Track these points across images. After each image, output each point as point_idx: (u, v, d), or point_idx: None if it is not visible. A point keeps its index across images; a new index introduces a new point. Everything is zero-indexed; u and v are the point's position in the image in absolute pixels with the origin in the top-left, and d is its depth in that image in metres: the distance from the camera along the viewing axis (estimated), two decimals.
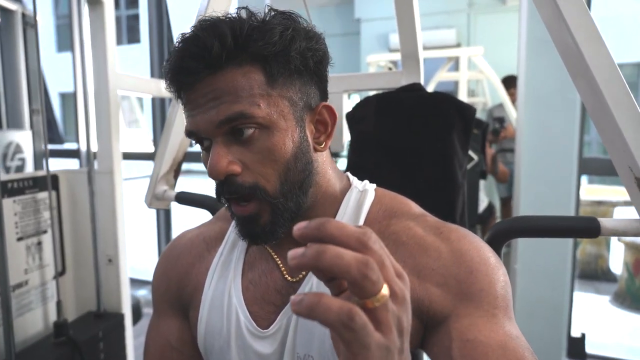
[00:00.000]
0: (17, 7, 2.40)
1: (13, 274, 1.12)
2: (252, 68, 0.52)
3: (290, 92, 0.54)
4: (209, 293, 0.64)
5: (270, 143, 0.53)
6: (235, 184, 0.53)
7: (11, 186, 1.12)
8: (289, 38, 0.52)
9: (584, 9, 0.66)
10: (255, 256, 0.65)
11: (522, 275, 2.06)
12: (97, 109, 1.25)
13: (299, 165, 0.55)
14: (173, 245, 0.73)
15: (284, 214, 0.55)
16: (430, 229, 0.58)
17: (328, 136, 0.60)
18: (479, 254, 0.55)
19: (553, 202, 2.00)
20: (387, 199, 0.64)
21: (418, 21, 1.20)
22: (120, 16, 10.26)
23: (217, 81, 0.51)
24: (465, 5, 5.19)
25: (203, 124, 0.52)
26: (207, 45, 0.50)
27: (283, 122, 0.53)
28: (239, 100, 0.51)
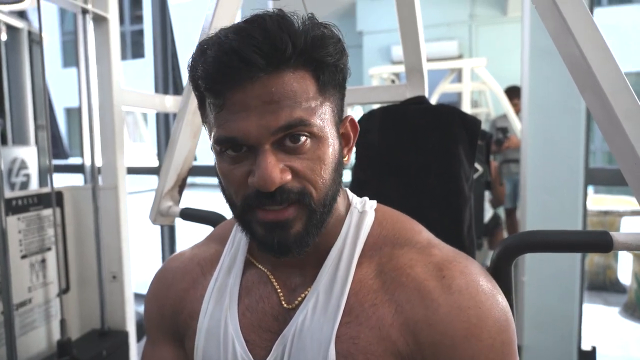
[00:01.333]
0: (23, 24, 2.43)
1: (17, 292, 1.11)
2: (306, 74, 0.50)
3: (333, 103, 0.54)
4: (205, 321, 0.61)
5: (320, 152, 0.51)
6: (286, 191, 0.50)
7: (16, 203, 1.12)
8: (340, 50, 0.52)
9: (590, 20, 0.66)
10: (253, 280, 0.62)
11: (530, 287, 2.03)
12: (101, 124, 1.25)
13: (336, 176, 0.54)
14: (165, 269, 0.70)
15: (318, 224, 0.53)
16: (434, 269, 0.54)
17: (349, 150, 0.59)
18: (478, 313, 0.51)
19: (560, 213, 1.98)
20: (388, 221, 0.61)
21: (422, 34, 1.20)
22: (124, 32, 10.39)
23: (273, 83, 0.48)
24: (467, 17, 5.23)
25: (255, 129, 0.48)
26: (278, 42, 0.47)
27: (328, 132, 0.52)
28: (298, 106, 0.48)
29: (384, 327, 0.52)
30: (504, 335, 0.52)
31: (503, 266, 0.70)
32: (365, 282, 0.56)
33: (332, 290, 0.56)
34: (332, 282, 0.56)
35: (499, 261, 0.70)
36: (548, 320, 2.03)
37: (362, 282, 0.56)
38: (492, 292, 0.54)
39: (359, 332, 0.53)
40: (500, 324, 0.52)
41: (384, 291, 0.54)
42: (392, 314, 0.53)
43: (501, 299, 0.54)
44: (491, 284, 0.55)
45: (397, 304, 0.53)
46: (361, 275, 0.56)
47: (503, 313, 0.53)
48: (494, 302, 0.53)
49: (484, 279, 0.55)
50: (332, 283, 0.56)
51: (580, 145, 1.98)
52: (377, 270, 0.56)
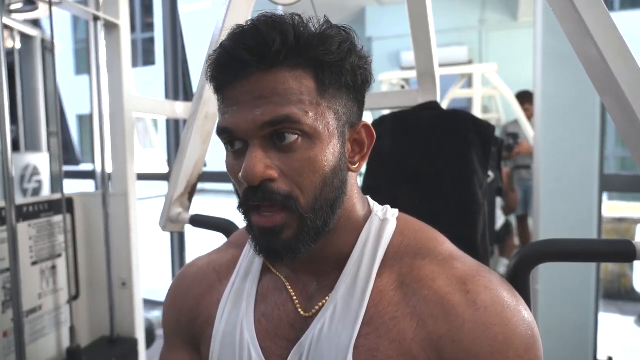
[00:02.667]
0: (36, 32, 2.46)
1: (27, 298, 1.11)
2: (304, 73, 0.50)
3: (337, 105, 0.52)
4: (221, 327, 0.61)
5: (312, 153, 0.50)
6: (270, 191, 0.49)
7: (27, 210, 1.12)
8: (345, 50, 0.51)
9: (609, 21, 0.64)
10: (269, 287, 0.62)
11: (544, 296, 1.99)
12: (112, 131, 1.25)
13: (335, 182, 0.52)
14: (183, 275, 0.70)
15: (310, 231, 0.52)
16: (457, 283, 0.53)
17: (363, 157, 0.57)
18: (505, 330, 0.50)
19: (574, 220, 1.95)
20: (410, 230, 0.59)
21: (434, 39, 1.19)
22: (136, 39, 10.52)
23: (266, 79, 0.49)
24: (477, 23, 5.21)
25: (244, 123, 0.49)
26: (268, 40, 0.47)
27: (327, 134, 0.51)
28: (288, 103, 0.48)
29: (405, 342, 0.51)
30: (531, 353, 0.50)
31: (521, 276, 0.68)
32: (385, 293, 0.54)
33: (352, 299, 0.54)
34: (351, 291, 0.55)
35: (516, 271, 0.68)
36: (562, 329, 1.99)
37: (382, 293, 0.54)
38: (518, 308, 0.52)
39: (378, 344, 0.52)
40: (527, 341, 0.50)
41: (406, 304, 0.53)
42: (414, 329, 0.51)
43: (527, 315, 0.52)
44: (516, 299, 0.53)
45: (419, 318, 0.52)
46: (382, 286, 0.55)
47: (530, 329, 0.51)
48: (520, 319, 0.51)
49: (508, 293, 0.53)
50: (352, 292, 0.55)
51: (594, 150, 1.95)
52: (398, 282, 0.55)
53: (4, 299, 1.04)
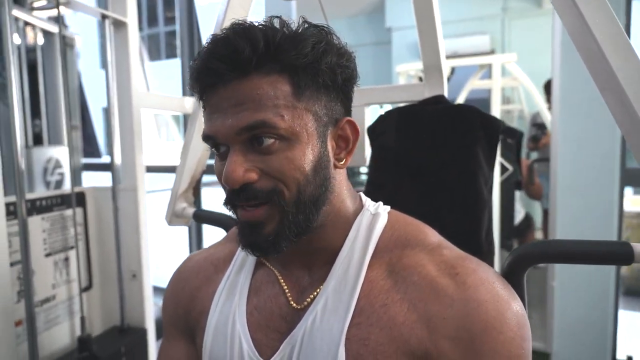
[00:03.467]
0: (57, 29, 2.53)
1: (41, 288, 1.16)
2: (279, 78, 0.51)
3: (315, 106, 0.53)
4: (214, 318, 0.63)
5: (291, 154, 0.51)
6: (252, 190, 0.51)
7: (40, 204, 1.16)
8: (320, 51, 0.52)
9: (610, 15, 0.61)
10: (262, 280, 0.63)
11: (561, 292, 1.95)
12: (121, 126, 1.28)
13: (317, 179, 0.54)
14: (181, 268, 0.72)
15: (291, 226, 0.53)
16: (445, 267, 0.54)
17: (349, 152, 0.58)
18: (496, 306, 0.50)
19: (593, 215, 1.89)
20: (400, 224, 0.61)
21: (440, 31, 1.17)
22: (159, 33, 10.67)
23: (242, 87, 0.50)
24: (499, 10, 5.06)
25: (223, 129, 0.51)
26: (238, 49, 0.49)
27: (305, 135, 0.52)
28: (263, 108, 0.50)
29: (396, 327, 0.52)
30: (522, 330, 0.51)
31: (515, 276, 0.66)
32: (376, 282, 0.55)
33: (343, 291, 0.56)
34: (342, 282, 0.56)
35: (510, 270, 0.66)
36: (580, 327, 1.94)
37: (373, 283, 0.56)
38: (508, 289, 0.53)
39: (369, 333, 0.53)
40: (519, 319, 0.51)
41: (396, 291, 0.54)
42: (405, 313, 0.52)
43: (516, 297, 0.53)
44: (504, 282, 0.55)
45: (409, 302, 0.53)
46: (372, 276, 0.56)
47: (521, 309, 0.52)
48: (511, 297, 0.52)
49: (496, 276, 0.55)
50: (343, 284, 0.56)
51: (616, 143, 1.87)
52: (388, 271, 0.56)
53: (19, 289, 1.08)
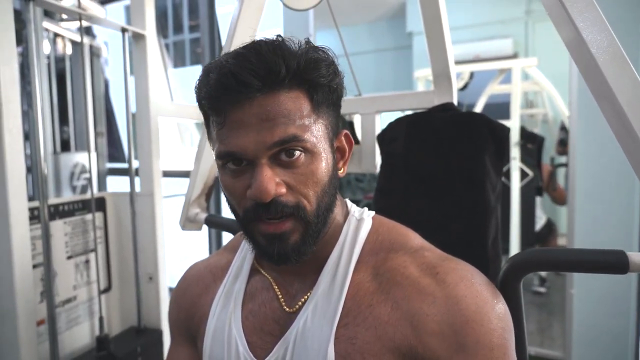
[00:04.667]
0: (85, 39, 2.63)
1: (63, 289, 1.21)
2: (300, 94, 0.54)
3: (327, 120, 0.58)
4: (212, 324, 0.66)
5: (313, 166, 0.55)
6: (281, 204, 0.53)
7: (62, 209, 1.22)
8: (332, 72, 0.57)
9: (605, 28, 0.62)
10: (257, 286, 0.67)
11: (580, 300, 1.91)
12: (138, 134, 1.33)
13: (331, 189, 0.58)
14: (184, 277, 0.77)
15: (314, 234, 0.57)
16: (427, 268, 0.57)
17: (345, 162, 0.63)
18: (476, 301, 0.53)
19: (613, 222, 1.84)
20: (384, 228, 0.64)
21: (448, 38, 1.18)
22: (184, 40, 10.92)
23: (270, 102, 0.52)
24: (523, 14, 4.98)
25: (252, 145, 0.52)
26: (272, 65, 0.51)
27: (322, 147, 0.56)
28: (292, 123, 0.53)
29: (381, 326, 0.55)
30: (502, 322, 0.53)
31: (511, 284, 0.67)
32: (362, 285, 0.59)
33: (331, 294, 0.59)
34: (330, 286, 0.60)
35: (506, 278, 0.67)
36: (600, 335, 1.90)
37: (359, 285, 0.59)
38: (487, 285, 0.56)
39: (356, 332, 0.56)
40: (499, 311, 0.54)
41: (380, 292, 0.57)
42: (389, 312, 0.55)
43: (496, 292, 0.56)
44: (485, 279, 0.58)
45: (393, 302, 0.56)
46: (358, 279, 0.59)
47: (500, 302, 0.55)
48: (490, 293, 0.55)
49: (477, 274, 0.58)
50: (331, 288, 0.59)
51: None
52: (373, 273, 0.59)
53: (42, 290, 1.14)
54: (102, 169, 2.71)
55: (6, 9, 0.94)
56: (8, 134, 0.94)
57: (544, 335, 2.87)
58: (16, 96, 0.96)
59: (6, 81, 0.93)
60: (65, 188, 2.51)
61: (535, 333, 2.89)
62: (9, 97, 0.94)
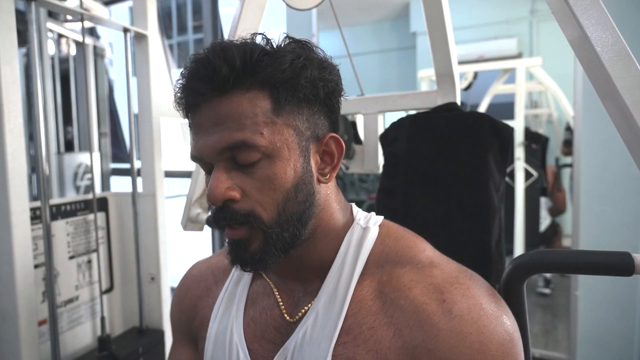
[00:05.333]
0: (89, 40, 2.64)
1: (65, 289, 1.21)
2: (259, 94, 0.52)
3: (296, 121, 0.54)
4: (214, 328, 0.65)
5: (271, 171, 0.52)
6: (231, 211, 0.52)
7: (64, 209, 1.22)
8: (299, 66, 0.52)
9: (610, 25, 0.61)
10: (259, 291, 0.65)
11: (585, 302, 1.89)
12: (140, 134, 1.33)
13: (299, 196, 0.54)
14: (185, 277, 0.76)
15: (276, 243, 0.54)
16: (434, 291, 0.54)
17: (334, 168, 0.58)
18: (480, 338, 0.50)
19: (619, 223, 1.83)
20: (391, 238, 0.61)
21: (452, 37, 1.17)
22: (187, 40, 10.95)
23: (222, 105, 0.51)
24: (527, 13, 4.96)
25: (205, 149, 0.52)
26: (216, 68, 0.50)
27: (286, 151, 0.53)
28: (242, 127, 0.51)
29: (382, 351, 0.52)
30: (508, 356, 0.51)
31: (514, 286, 0.66)
32: (364, 302, 0.56)
33: (332, 308, 0.57)
34: (332, 299, 0.57)
35: (509, 281, 0.66)
36: (605, 337, 1.88)
37: (361, 303, 0.56)
38: (496, 314, 0.52)
39: (355, 353, 0.53)
40: (504, 347, 0.51)
41: (383, 313, 0.55)
42: (390, 338, 0.53)
43: (506, 320, 0.53)
44: (495, 305, 0.54)
45: (395, 328, 0.53)
46: (361, 295, 0.57)
47: (507, 334, 0.52)
48: (498, 325, 0.52)
49: (487, 300, 0.54)
50: (333, 300, 0.57)
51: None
52: (378, 290, 0.56)
53: (44, 290, 1.14)
54: (106, 169, 2.72)
55: (8, 9, 0.94)
56: (9, 134, 0.94)
57: (548, 337, 2.85)
58: (17, 96, 0.96)
59: (7, 81, 0.93)
60: (69, 188, 2.52)
61: (540, 335, 2.87)
62: (10, 97, 0.94)
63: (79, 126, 2.67)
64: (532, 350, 2.57)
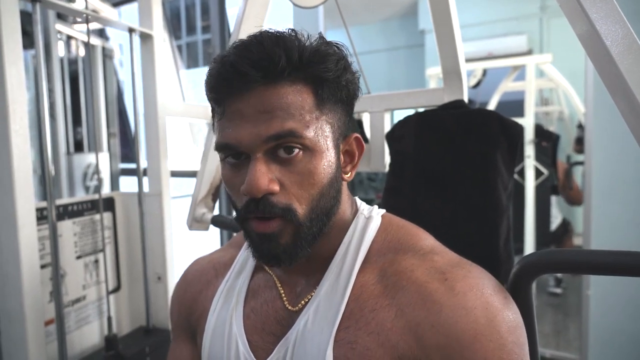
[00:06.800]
0: (98, 41, 2.65)
1: (72, 289, 1.22)
2: (304, 88, 0.52)
3: (333, 119, 0.55)
4: (212, 320, 0.65)
5: (312, 166, 0.52)
6: (270, 204, 0.51)
7: (71, 209, 1.23)
8: (342, 67, 0.54)
9: (620, 19, 0.59)
10: (260, 284, 0.65)
11: (596, 302, 1.86)
12: (147, 134, 1.33)
13: (331, 191, 0.55)
14: (186, 272, 0.75)
15: (307, 237, 0.54)
16: (435, 272, 0.54)
17: (354, 167, 0.60)
18: (486, 313, 0.50)
19: (632, 222, 1.79)
20: (393, 227, 0.61)
21: (459, 34, 1.15)
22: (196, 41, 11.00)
23: (270, 94, 0.50)
24: (537, 10, 4.90)
25: (248, 136, 0.50)
26: (273, 56, 0.49)
27: (325, 147, 0.54)
28: (291, 117, 0.51)
29: (383, 332, 0.52)
30: (514, 335, 0.50)
31: (522, 286, 0.65)
32: (366, 287, 0.56)
33: (334, 295, 0.57)
34: (334, 287, 0.57)
35: (517, 280, 0.65)
36: (616, 340, 1.85)
37: (363, 288, 0.56)
38: (498, 294, 0.53)
39: (357, 336, 0.53)
40: (510, 324, 0.50)
41: (385, 296, 0.55)
42: (392, 318, 0.53)
43: (508, 300, 0.53)
44: (496, 286, 0.54)
45: (397, 308, 0.53)
46: (363, 281, 0.57)
47: (512, 313, 0.52)
48: (502, 303, 0.52)
49: (488, 281, 0.54)
50: (334, 288, 0.57)
51: None
52: (379, 276, 0.57)
53: (51, 289, 1.15)
54: (115, 169, 2.74)
55: (12, 10, 0.94)
56: (15, 135, 0.94)
57: (559, 338, 2.81)
58: (23, 97, 0.97)
59: (13, 83, 0.94)
60: (79, 188, 2.54)
61: (551, 335, 2.84)
62: (16, 98, 0.95)
63: (88, 127, 2.69)
64: (543, 350, 2.54)
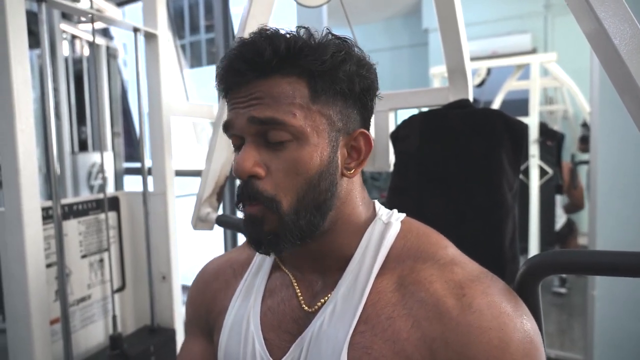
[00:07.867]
0: (103, 41, 2.66)
1: (77, 288, 1.22)
2: (298, 79, 0.54)
3: (330, 111, 0.55)
4: (230, 318, 0.66)
5: (297, 154, 0.53)
6: (256, 190, 0.54)
7: (76, 208, 1.23)
8: (339, 60, 0.55)
9: (628, 17, 0.58)
10: (277, 282, 0.66)
11: (602, 302, 1.85)
12: (151, 133, 1.33)
13: (322, 184, 0.55)
14: (203, 271, 0.76)
15: (292, 230, 0.55)
16: (454, 286, 0.53)
17: (359, 164, 0.60)
18: (500, 334, 0.49)
19: (636, 222, 1.78)
20: (413, 234, 0.61)
21: (463, 33, 1.15)
22: (200, 40, 11.00)
23: (262, 84, 0.53)
24: (542, 8, 4.88)
25: (237, 118, 0.55)
26: (260, 50, 0.52)
27: (316, 137, 0.54)
28: (277, 106, 0.53)
29: (399, 341, 0.52)
30: (528, 356, 0.49)
31: (529, 287, 0.64)
32: (384, 293, 0.56)
33: (351, 298, 0.57)
34: (351, 290, 0.58)
35: (524, 281, 0.64)
36: (622, 340, 1.84)
37: (380, 294, 0.56)
38: (517, 314, 0.52)
39: (372, 342, 0.53)
40: (525, 347, 0.50)
41: (402, 305, 0.55)
42: (409, 329, 0.53)
43: (527, 322, 0.52)
44: (516, 306, 0.53)
45: (414, 319, 0.53)
46: (381, 287, 0.57)
47: (527, 336, 0.51)
48: (519, 324, 0.51)
49: (507, 300, 0.53)
50: (352, 291, 0.57)
51: None
52: (397, 283, 0.56)
53: (57, 288, 1.15)
54: (119, 168, 2.74)
55: (18, 10, 0.94)
56: (21, 134, 0.95)
57: (564, 338, 2.80)
58: (29, 97, 0.97)
59: (19, 82, 0.94)
60: (83, 187, 2.54)
61: (556, 335, 2.83)
62: (22, 97, 0.95)
63: (92, 126, 2.70)
64: (548, 350, 2.52)
